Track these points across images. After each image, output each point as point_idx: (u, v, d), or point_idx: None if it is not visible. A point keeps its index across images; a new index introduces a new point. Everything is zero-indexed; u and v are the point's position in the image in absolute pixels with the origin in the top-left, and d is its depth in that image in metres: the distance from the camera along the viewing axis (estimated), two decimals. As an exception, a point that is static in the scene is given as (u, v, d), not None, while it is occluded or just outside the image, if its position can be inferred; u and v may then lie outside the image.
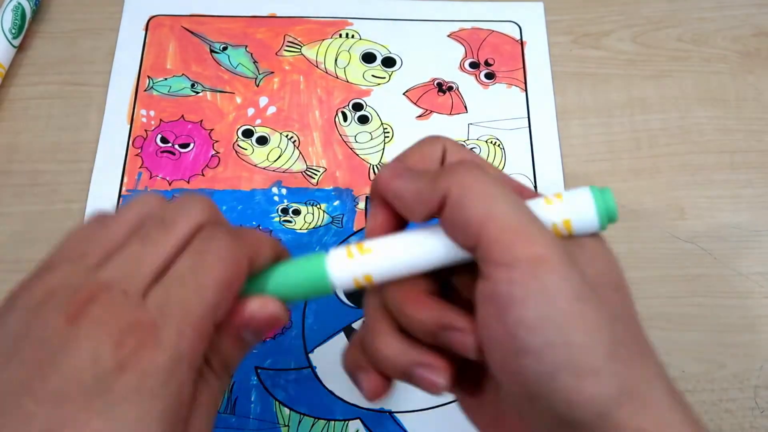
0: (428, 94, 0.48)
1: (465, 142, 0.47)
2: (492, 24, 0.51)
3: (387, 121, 0.47)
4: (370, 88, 0.48)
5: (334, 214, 0.44)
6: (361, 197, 0.44)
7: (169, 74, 0.48)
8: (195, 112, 0.47)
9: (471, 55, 0.50)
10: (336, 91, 0.48)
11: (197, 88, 0.48)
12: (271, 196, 0.44)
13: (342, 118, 0.47)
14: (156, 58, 0.49)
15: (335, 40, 0.50)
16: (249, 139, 0.46)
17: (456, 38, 0.50)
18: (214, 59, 0.49)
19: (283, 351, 0.40)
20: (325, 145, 0.46)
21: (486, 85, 0.49)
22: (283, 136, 0.46)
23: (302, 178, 0.45)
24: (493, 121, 0.47)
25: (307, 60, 0.49)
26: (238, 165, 0.45)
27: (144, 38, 0.49)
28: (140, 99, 0.47)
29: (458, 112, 0.48)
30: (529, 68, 0.49)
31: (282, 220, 0.43)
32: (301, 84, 0.48)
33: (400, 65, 0.49)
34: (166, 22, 0.50)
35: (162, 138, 0.46)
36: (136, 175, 0.44)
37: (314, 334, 0.41)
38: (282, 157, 0.46)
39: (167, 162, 0.45)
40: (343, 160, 0.46)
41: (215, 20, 0.50)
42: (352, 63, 0.49)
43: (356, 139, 0.46)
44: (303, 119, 0.47)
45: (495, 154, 0.46)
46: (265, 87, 0.48)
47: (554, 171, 0.46)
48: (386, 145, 0.46)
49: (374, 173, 0.45)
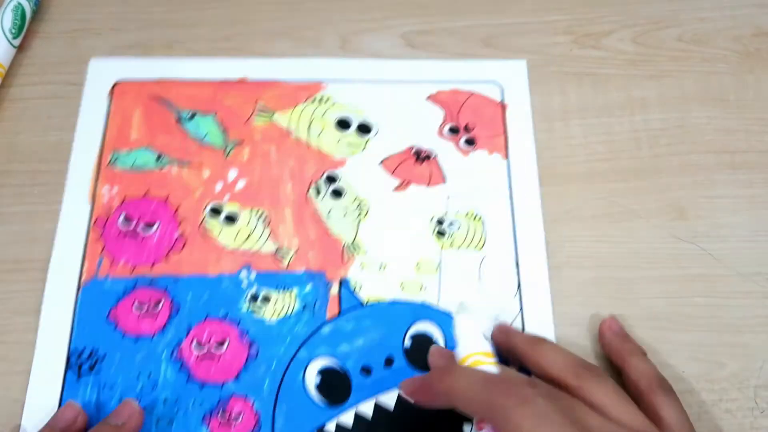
0: (405, 164, 0.47)
1: (444, 216, 0.45)
2: (472, 85, 0.49)
3: (362, 194, 0.45)
4: (345, 158, 0.46)
5: (306, 301, 0.42)
6: (334, 281, 0.43)
7: (133, 146, 0.46)
8: (160, 187, 0.45)
9: (450, 120, 0.48)
10: (309, 162, 0.46)
11: (163, 160, 0.46)
12: (239, 282, 0.42)
13: (315, 192, 0.45)
14: (120, 129, 0.47)
15: (308, 105, 0.48)
16: (217, 218, 0.44)
17: (435, 101, 0.48)
18: (181, 128, 0.47)
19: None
20: (297, 223, 0.44)
21: (466, 152, 0.47)
22: (252, 214, 0.44)
23: (272, 260, 0.43)
24: (473, 192, 0.46)
25: (279, 128, 0.47)
26: (205, 247, 0.43)
27: (108, 106, 0.48)
28: (103, 174, 0.45)
29: (437, 183, 0.46)
30: (511, 133, 0.48)
31: (251, 308, 0.42)
32: (273, 154, 0.46)
33: (376, 132, 0.47)
34: (131, 88, 0.48)
35: (125, 218, 0.44)
36: (96, 262, 0.43)
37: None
38: (251, 238, 0.44)
39: (130, 245, 0.43)
40: (316, 239, 0.44)
41: (183, 85, 0.49)
42: (326, 130, 0.47)
43: (330, 215, 0.45)
44: (274, 194, 0.45)
45: (475, 230, 0.44)
46: (234, 158, 0.46)
47: (536, 243, 0.44)
48: (361, 220, 0.44)
49: (348, 253, 0.44)
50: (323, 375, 0.40)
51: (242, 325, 0.41)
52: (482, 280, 0.43)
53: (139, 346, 0.41)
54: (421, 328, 0.42)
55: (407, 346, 0.41)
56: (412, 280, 0.43)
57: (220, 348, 0.41)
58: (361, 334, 0.41)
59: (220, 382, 0.40)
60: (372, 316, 0.42)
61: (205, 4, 0.53)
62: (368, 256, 0.44)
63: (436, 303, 0.42)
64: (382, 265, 0.43)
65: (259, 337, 0.41)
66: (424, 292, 0.43)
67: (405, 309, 0.42)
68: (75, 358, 0.40)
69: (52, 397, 0.39)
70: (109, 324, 0.41)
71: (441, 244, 0.44)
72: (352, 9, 0.53)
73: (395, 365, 0.41)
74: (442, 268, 0.43)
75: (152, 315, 0.41)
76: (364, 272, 0.43)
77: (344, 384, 0.40)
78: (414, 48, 0.51)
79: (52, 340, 0.41)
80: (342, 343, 0.41)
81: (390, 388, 0.40)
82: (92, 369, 0.40)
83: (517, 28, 0.53)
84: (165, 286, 0.42)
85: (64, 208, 0.44)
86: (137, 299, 0.42)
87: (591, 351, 0.41)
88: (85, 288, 0.42)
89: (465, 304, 0.42)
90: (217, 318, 0.42)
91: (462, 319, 0.38)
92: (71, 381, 0.40)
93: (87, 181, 0.45)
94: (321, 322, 0.42)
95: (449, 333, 0.41)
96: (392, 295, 0.42)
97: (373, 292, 0.42)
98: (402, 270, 0.43)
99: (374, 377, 0.40)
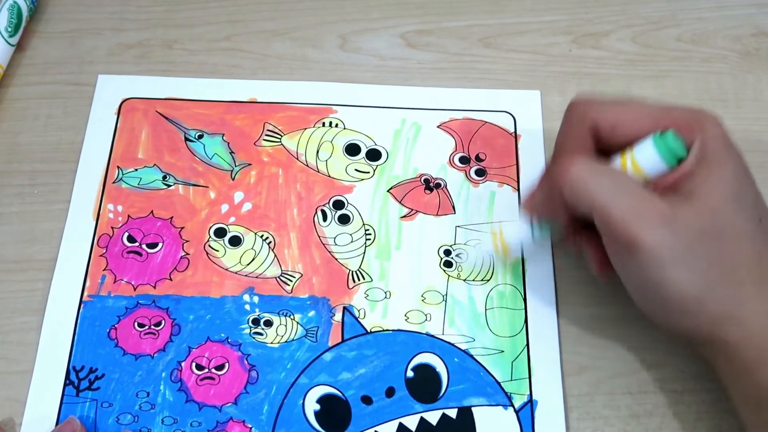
0: (414, 192, 0.50)
1: (451, 247, 0.48)
2: (485, 114, 0.52)
3: (369, 221, 0.48)
4: (353, 184, 0.50)
5: (308, 327, 0.45)
6: (338, 308, 0.45)
7: (140, 164, 0.50)
8: (166, 207, 0.48)
9: (461, 149, 0.51)
10: (316, 187, 0.49)
11: (169, 180, 0.49)
12: (242, 305, 0.45)
13: (321, 217, 0.48)
14: (127, 147, 0.50)
15: (317, 129, 0.51)
16: (221, 240, 0.47)
17: (446, 129, 0.52)
18: (188, 148, 0.50)
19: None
20: (302, 248, 0.47)
21: (476, 182, 0.50)
22: (257, 237, 0.48)
23: (276, 284, 0.46)
24: (482, 224, 0.49)
25: (287, 151, 0.51)
26: (209, 268, 0.46)
27: (116, 123, 0.51)
28: (108, 192, 0.48)
29: (446, 213, 0.49)
30: (523, 165, 0.51)
31: (252, 332, 0.45)
32: (280, 178, 0.50)
33: (386, 158, 0.50)
34: (139, 105, 0.52)
35: (129, 236, 0.47)
36: (99, 279, 0.46)
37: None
38: (255, 261, 0.47)
39: (133, 264, 0.46)
40: (321, 265, 0.47)
41: (192, 105, 0.52)
42: (335, 155, 0.50)
43: (335, 242, 0.48)
44: (280, 218, 0.48)
45: (483, 261, 0.47)
46: (241, 180, 0.49)
47: (545, 276, 0.47)
48: (367, 248, 0.48)
49: (353, 280, 0.47)
50: (323, 402, 0.43)
51: (243, 349, 0.44)
52: (488, 311, 0.46)
53: (139, 365, 0.44)
54: (424, 360, 0.45)
55: (409, 376, 0.44)
56: (417, 311, 0.46)
57: (220, 371, 0.44)
58: (363, 363, 0.44)
59: (219, 405, 0.43)
60: (375, 345, 0.45)
61: (205, 4, 0.57)
62: (373, 284, 0.47)
63: (440, 334, 0.45)
64: (387, 294, 0.46)
65: (260, 361, 0.44)
66: (428, 323, 0.45)
67: (408, 339, 0.45)
68: (74, 374, 0.43)
69: (51, 412, 0.42)
70: (110, 342, 0.44)
71: (448, 275, 0.47)
72: (351, 9, 0.57)
73: (396, 396, 0.43)
74: (447, 300, 0.46)
75: (153, 334, 0.44)
76: (368, 300, 0.46)
77: (344, 412, 0.43)
78: (414, 48, 0.55)
79: (52, 356, 0.43)
80: (343, 371, 0.44)
81: (390, 419, 0.43)
82: (91, 386, 0.43)
83: (516, 28, 0.56)
84: (167, 306, 0.45)
85: (68, 224, 0.47)
86: (138, 318, 0.45)
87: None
88: (86, 305, 0.45)
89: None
90: (218, 340, 0.44)
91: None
92: (70, 397, 0.43)
93: (92, 198, 0.48)
94: (323, 348, 0.45)
95: (452, 366, 0.44)
96: (396, 325, 0.45)
97: (376, 321, 0.45)
98: (407, 300, 0.46)
99: (374, 407, 0.43)
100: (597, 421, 0.43)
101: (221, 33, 0.55)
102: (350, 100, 0.52)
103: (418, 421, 0.42)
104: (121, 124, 0.51)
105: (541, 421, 0.42)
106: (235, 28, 0.56)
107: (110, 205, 0.48)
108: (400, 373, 0.44)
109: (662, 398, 0.44)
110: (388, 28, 0.56)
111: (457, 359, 0.44)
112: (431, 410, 0.43)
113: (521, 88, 0.54)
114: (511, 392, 0.43)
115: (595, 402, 0.43)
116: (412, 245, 0.48)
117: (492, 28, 0.56)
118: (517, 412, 0.43)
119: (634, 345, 0.45)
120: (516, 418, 0.43)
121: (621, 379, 0.44)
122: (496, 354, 0.44)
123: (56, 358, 0.43)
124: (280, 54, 0.54)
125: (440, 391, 0.43)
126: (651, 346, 0.44)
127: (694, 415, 0.43)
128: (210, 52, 0.54)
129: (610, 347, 0.45)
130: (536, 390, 0.43)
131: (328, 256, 0.47)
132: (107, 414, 0.42)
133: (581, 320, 0.45)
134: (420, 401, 0.43)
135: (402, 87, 0.53)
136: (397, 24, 0.56)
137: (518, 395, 0.43)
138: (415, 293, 0.46)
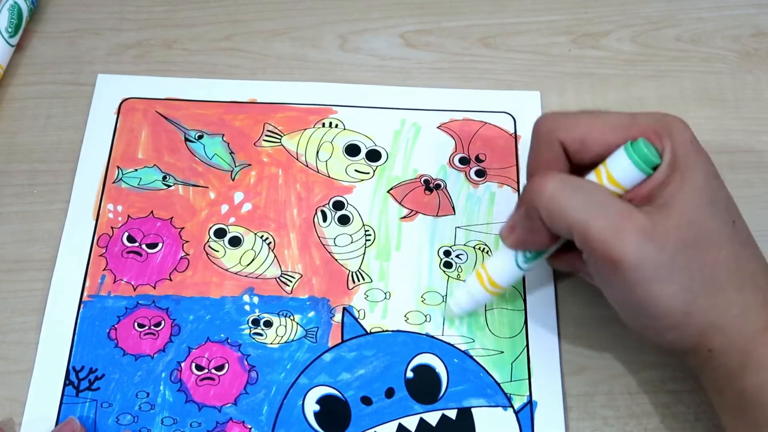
0: (414, 192, 0.50)
1: (451, 248, 0.48)
2: (485, 115, 0.53)
3: (369, 221, 0.49)
4: (353, 185, 0.50)
5: (308, 327, 0.45)
6: (337, 308, 0.46)
7: (139, 164, 0.50)
8: (165, 207, 0.49)
9: (461, 150, 0.52)
10: (316, 187, 0.50)
11: (169, 180, 0.50)
12: (242, 305, 0.46)
13: (321, 217, 0.49)
14: (127, 147, 0.51)
15: (317, 129, 0.52)
16: (221, 240, 0.48)
17: (446, 130, 0.52)
18: (188, 148, 0.51)
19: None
20: (302, 248, 0.48)
21: (476, 183, 0.51)
22: (257, 237, 0.48)
23: (276, 284, 0.47)
24: (481, 225, 0.49)
25: (287, 151, 0.51)
26: (209, 269, 0.47)
27: (115, 123, 0.52)
28: (108, 192, 0.49)
29: (445, 214, 0.50)
30: (523, 165, 0.51)
31: (252, 332, 0.45)
32: (280, 178, 0.50)
33: (386, 159, 0.51)
34: (139, 106, 0.52)
35: (129, 237, 0.48)
36: (99, 279, 0.46)
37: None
38: (255, 261, 0.47)
39: (133, 264, 0.47)
40: (321, 265, 0.48)
41: (192, 105, 0.53)
42: (335, 156, 0.51)
43: (335, 242, 0.48)
44: (280, 218, 0.49)
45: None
46: (241, 181, 0.50)
47: (545, 276, 0.47)
48: (367, 249, 0.48)
49: (353, 281, 0.47)
50: (323, 403, 0.44)
51: (243, 349, 0.45)
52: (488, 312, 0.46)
53: (139, 366, 0.44)
54: (424, 360, 0.45)
55: (409, 377, 0.45)
56: (417, 311, 0.46)
57: (220, 371, 0.44)
58: (362, 364, 0.45)
59: (219, 406, 0.43)
60: (374, 346, 0.45)
61: (205, 4, 0.58)
62: (373, 284, 0.47)
63: (440, 335, 0.46)
64: (386, 295, 0.47)
65: (260, 362, 0.45)
66: (428, 324, 0.46)
67: (408, 340, 0.46)
68: (74, 374, 0.44)
69: (50, 412, 0.43)
70: (110, 342, 0.45)
71: (447, 276, 0.48)
72: (351, 9, 0.58)
73: (396, 396, 0.44)
74: (447, 300, 0.47)
75: (153, 335, 0.45)
76: (368, 301, 0.47)
77: (343, 413, 0.43)
78: (413, 48, 0.56)
79: (51, 356, 0.44)
80: (343, 371, 0.45)
81: (389, 420, 0.43)
82: (91, 386, 0.44)
83: (516, 28, 0.57)
84: (167, 306, 0.46)
85: (67, 224, 0.48)
86: (138, 318, 0.45)
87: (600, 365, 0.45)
88: (86, 305, 0.46)
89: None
90: (218, 341, 0.45)
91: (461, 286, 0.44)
92: (70, 397, 0.43)
93: (92, 198, 0.49)
94: (323, 349, 0.45)
95: (452, 367, 0.45)
96: (396, 326, 0.46)
97: (376, 322, 0.46)
98: (407, 300, 0.47)
99: (374, 407, 0.44)
100: (596, 421, 0.44)
101: (221, 33, 0.56)
102: (350, 100, 0.53)
103: (418, 421, 0.43)
104: (120, 124, 0.52)
105: (540, 423, 0.43)
106: (235, 28, 0.56)
107: (110, 205, 0.49)
108: (399, 374, 0.44)
109: (662, 398, 0.44)
110: (388, 28, 0.57)
111: (457, 360, 0.45)
112: (431, 411, 0.43)
113: (521, 87, 0.54)
114: (511, 393, 0.44)
115: (595, 402, 0.44)
116: (412, 246, 0.48)
117: (492, 28, 0.57)
118: (517, 413, 0.43)
119: (633, 345, 0.45)
120: (515, 419, 0.43)
121: (620, 379, 0.45)
122: (496, 355, 0.45)
123: (56, 358, 0.44)
124: (280, 54, 0.55)
125: (440, 391, 0.44)
126: (650, 347, 0.45)
127: (694, 415, 0.43)
128: (210, 52, 0.55)
129: (609, 347, 0.46)
130: (536, 391, 0.44)
131: (328, 257, 0.48)
132: (107, 414, 0.43)
133: (581, 320, 0.46)
134: (420, 402, 0.43)
135: (402, 87, 0.54)
136: (396, 24, 0.57)
137: (518, 396, 0.44)
138: (415, 294, 0.47)
